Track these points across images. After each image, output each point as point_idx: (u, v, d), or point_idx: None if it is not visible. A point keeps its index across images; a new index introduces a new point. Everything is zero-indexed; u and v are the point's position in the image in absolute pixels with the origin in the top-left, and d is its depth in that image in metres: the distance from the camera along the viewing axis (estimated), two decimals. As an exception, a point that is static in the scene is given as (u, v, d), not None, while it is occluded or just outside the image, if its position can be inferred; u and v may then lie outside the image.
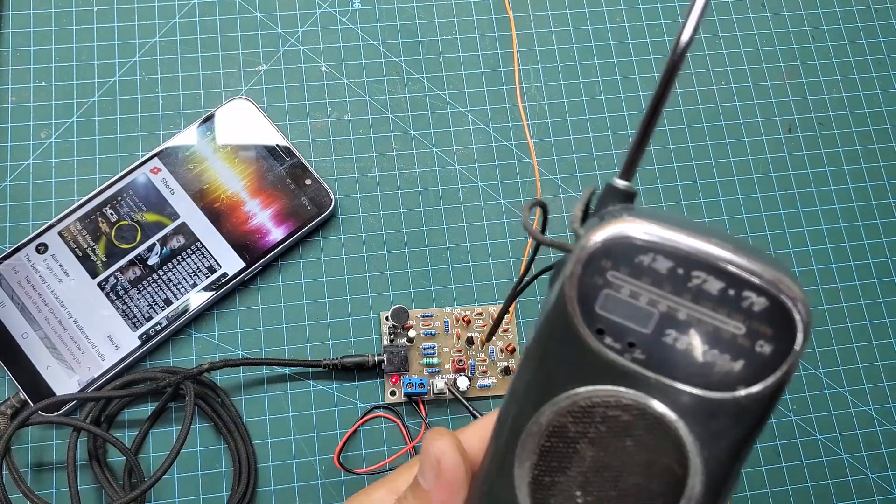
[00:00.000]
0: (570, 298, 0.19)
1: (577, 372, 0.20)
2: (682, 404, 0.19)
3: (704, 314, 0.19)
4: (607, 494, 0.20)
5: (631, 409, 0.19)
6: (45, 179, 0.42)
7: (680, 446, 0.19)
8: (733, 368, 0.19)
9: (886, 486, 0.41)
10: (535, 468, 0.21)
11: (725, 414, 0.19)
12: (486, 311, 0.42)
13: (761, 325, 0.19)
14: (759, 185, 0.46)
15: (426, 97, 0.45)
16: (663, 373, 0.19)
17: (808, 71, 0.48)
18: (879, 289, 0.44)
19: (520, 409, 0.21)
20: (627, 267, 0.19)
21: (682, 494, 0.20)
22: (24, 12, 0.45)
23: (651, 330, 0.19)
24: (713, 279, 0.18)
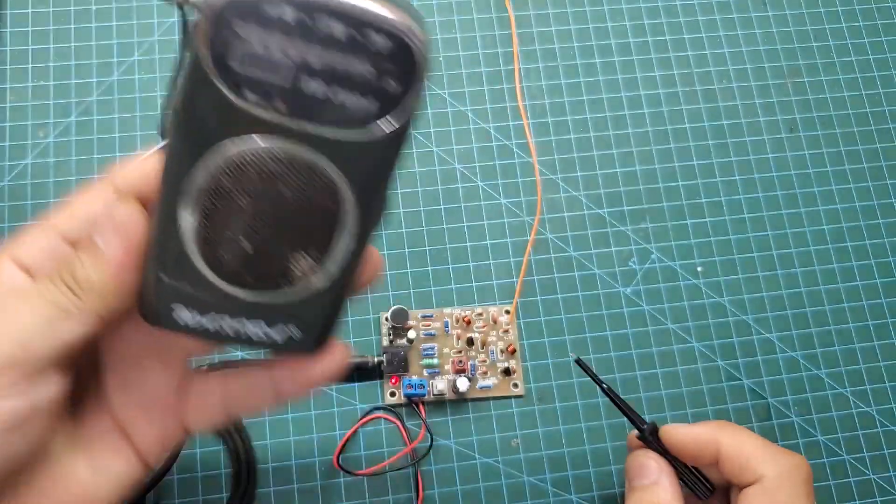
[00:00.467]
0: (204, 58, 0.20)
1: (223, 130, 0.20)
2: (326, 145, 0.21)
3: (335, 59, 0.20)
4: (270, 239, 0.22)
5: (280, 158, 0.21)
6: (43, 179, 0.42)
7: (329, 183, 0.21)
8: (367, 107, 0.20)
9: (888, 488, 0.41)
10: (200, 227, 0.22)
11: (365, 148, 0.21)
12: (486, 312, 0.42)
13: (386, 63, 0.20)
14: (760, 185, 0.45)
15: (426, 97, 0.45)
16: (304, 118, 0.20)
17: (810, 70, 0.48)
18: (882, 289, 0.44)
19: (176, 173, 0.21)
20: (256, 19, 0.19)
21: (338, 225, 0.22)
22: (22, 11, 0.44)
23: (287, 80, 0.20)
24: (339, 24, 0.19)
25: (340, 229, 0.22)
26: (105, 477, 0.26)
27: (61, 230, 0.25)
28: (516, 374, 0.41)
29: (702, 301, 0.43)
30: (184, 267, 0.23)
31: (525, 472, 0.40)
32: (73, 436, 0.26)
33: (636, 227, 0.44)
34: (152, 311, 0.24)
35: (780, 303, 0.44)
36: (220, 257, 0.22)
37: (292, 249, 0.22)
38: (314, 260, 0.23)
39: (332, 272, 0.23)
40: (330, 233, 0.22)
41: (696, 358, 0.42)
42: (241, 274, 0.23)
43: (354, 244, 0.23)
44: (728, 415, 0.42)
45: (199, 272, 0.23)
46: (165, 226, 0.22)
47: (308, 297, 0.23)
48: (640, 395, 0.42)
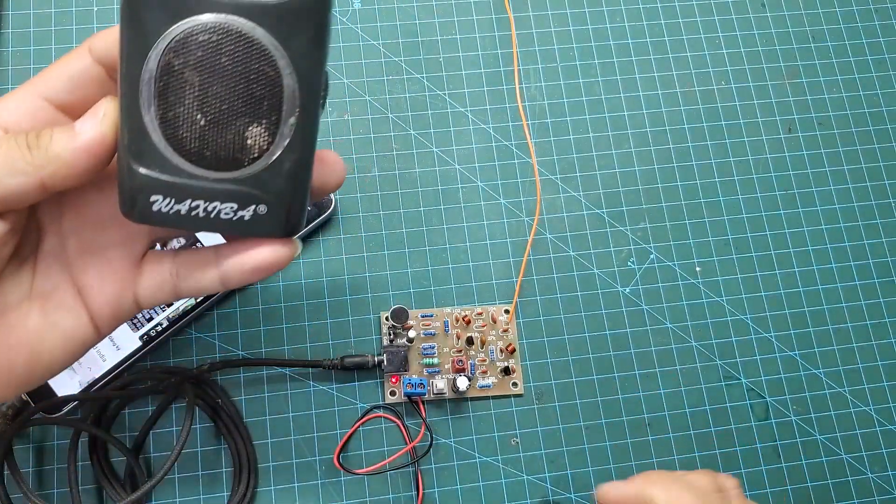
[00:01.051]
0: None
1: (167, 14, 0.23)
2: (258, 15, 0.23)
3: None
4: (221, 108, 0.24)
5: (217, 30, 0.23)
6: (45, 180, 0.42)
7: (265, 51, 0.23)
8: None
9: (886, 486, 0.41)
10: (158, 108, 0.24)
11: (295, 14, 0.23)
12: (485, 311, 0.42)
13: None
14: (759, 185, 0.46)
15: (426, 97, 0.45)
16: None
17: (808, 71, 0.48)
18: (879, 289, 0.44)
19: (131, 63, 0.24)
20: None
21: (283, 91, 0.24)
22: (23, 12, 0.45)
23: None
24: None
25: (286, 97, 0.24)
26: (54, 331, 0.28)
27: (43, 91, 0.26)
28: (516, 374, 0.41)
29: (700, 301, 0.43)
30: (151, 153, 0.24)
31: (524, 471, 0.40)
32: (29, 286, 0.28)
33: (635, 227, 0.44)
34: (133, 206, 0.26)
35: (778, 302, 0.44)
36: (181, 136, 0.24)
37: (245, 121, 0.24)
38: (267, 131, 0.24)
39: (287, 142, 0.25)
40: (277, 101, 0.24)
41: (695, 357, 0.43)
42: (202, 151, 0.24)
43: (302, 113, 0.24)
44: (727, 414, 0.42)
45: (164, 156, 0.24)
46: (130, 114, 0.24)
47: (269, 170, 0.25)
48: (639, 395, 0.42)
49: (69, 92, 0.27)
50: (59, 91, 0.27)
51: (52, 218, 0.28)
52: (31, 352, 0.27)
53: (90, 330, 0.28)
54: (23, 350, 0.27)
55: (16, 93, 0.27)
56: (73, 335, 0.28)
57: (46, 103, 0.27)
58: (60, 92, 0.27)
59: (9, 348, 0.27)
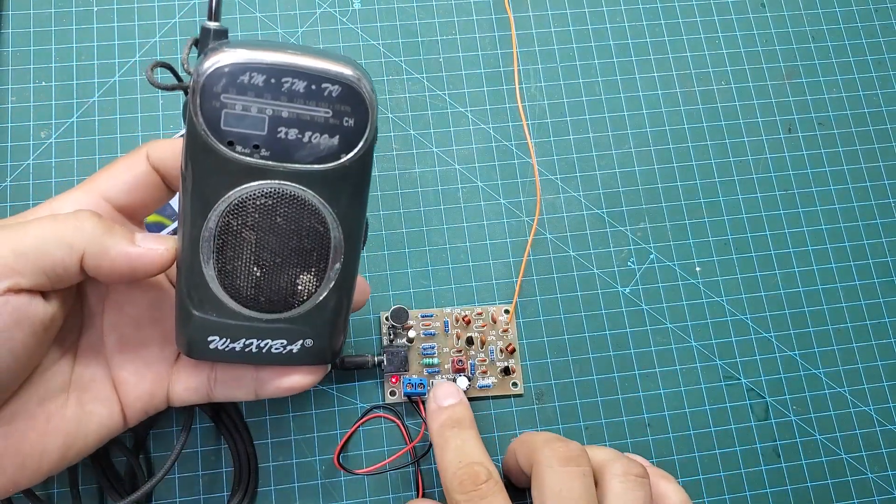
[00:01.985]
0: (199, 125, 0.24)
1: (225, 180, 0.25)
2: (307, 180, 0.26)
3: (300, 108, 0.25)
4: (275, 261, 0.27)
5: (272, 195, 0.26)
6: (45, 180, 0.42)
7: (315, 210, 0.26)
8: (333, 143, 0.25)
9: (886, 487, 0.41)
10: (217, 262, 0.27)
11: (339, 177, 0.26)
12: (485, 311, 0.42)
13: (342, 106, 0.25)
14: (758, 185, 0.46)
15: (426, 97, 0.45)
16: (286, 160, 0.25)
17: (808, 71, 0.48)
18: (879, 289, 0.44)
19: (192, 222, 0.26)
20: (234, 87, 0.24)
21: (330, 243, 0.27)
22: (23, 12, 0.45)
23: (266, 131, 0.25)
24: (298, 80, 0.24)
25: (332, 247, 0.27)
26: (89, 420, 0.29)
27: (103, 192, 0.29)
28: (515, 374, 0.41)
29: (700, 301, 0.44)
30: (210, 300, 0.27)
31: (524, 471, 0.40)
32: (69, 375, 0.29)
33: (635, 228, 0.44)
34: (191, 346, 0.29)
35: (778, 302, 0.44)
36: (238, 286, 0.27)
37: (296, 271, 0.27)
38: (315, 277, 0.27)
39: (332, 285, 0.28)
40: (325, 252, 0.27)
41: (695, 357, 0.43)
42: (256, 298, 0.27)
43: (345, 258, 0.27)
44: (727, 414, 0.42)
45: (222, 303, 0.27)
46: (190, 266, 0.27)
47: (316, 310, 0.28)
48: (639, 395, 0.42)
49: (127, 194, 0.29)
50: (118, 193, 0.29)
51: (94, 312, 0.30)
52: (65, 439, 0.28)
53: (120, 421, 0.30)
54: (58, 437, 0.28)
55: (76, 191, 0.29)
56: (105, 424, 0.30)
57: (105, 202, 0.29)
58: (119, 194, 0.29)
59: (45, 434, 0.28)
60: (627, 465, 0.32)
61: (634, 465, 0.32)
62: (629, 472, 0.32)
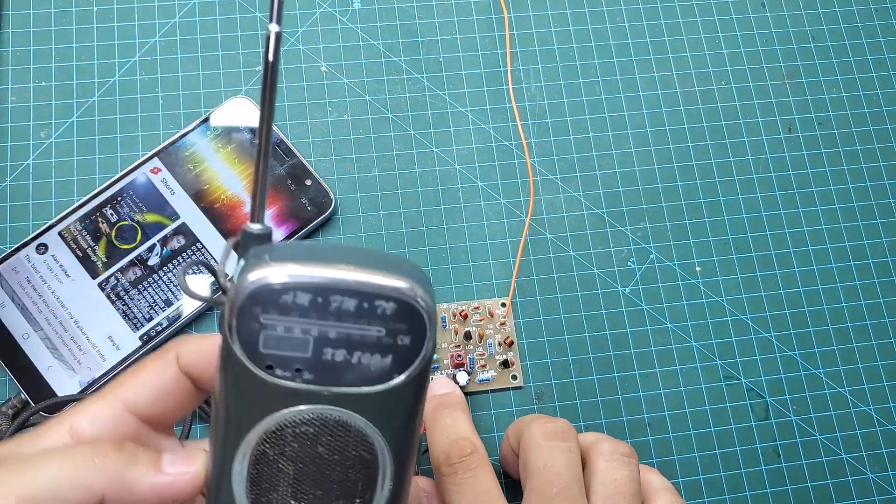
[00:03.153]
0: (234, 346, 0.22)
1: (262, 405, 0.22)
2: (354, 404, 0.22)
3: (349, 328, 0.22)
4: (316, 494, 0.23)
5: (314, 422, 0.22)
6: (44, 179, 0.42)
7: (363, 437, 0.23)
8: (385, 363, 0.22)
9: (886, 486, 0.41)
10: (250, 494, 0.23)
11: (390, 399, 0.23)
12: (482, 306, 0.42)
13: (396, 324, 0.22)
14: (759, 185, 0.46)
15: (426, 97, 0.45)
16: (331, 384, 0.22)
17: (808, 71, 0.48)
18: (879, 289, 0.44)
19: (224, 451, 0.23)
20: (275, 307, 0.21)
21: (378, 471, 0.23)
22: (23, 12, 0.45)
23: (310, 353, 0.22)
24: (348, 298, 0.22)
25: (380, 475, 0.24)
26: None
27: (127, 401, 0.25)
28: (515, 367, 0.41)
29: (700, 301, 0.44)
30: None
31: (524, 471, 0.40)
32: None
33: (635, 227, 0.44)
34: None
35: (778, 302, 0.44)
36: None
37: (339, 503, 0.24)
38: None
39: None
40: (372, 480, 0.24)
41: (695, 357, 0.43)
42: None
43: (394, 484, 0.24)
44: (727, 414, 0.42)
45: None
46: (218, 492, 0.24)
47: None
48: (639, 395, 0.42)
49: (154, 403, 0.25)
50: (144, 402, 0.25)
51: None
52: None
53: None
54: None
55: (97, 400, 0.25)
56: None
57: (129, 415, 0.25)
58: (146, 403, 0.25)
59: None
60: (614, 445, 0.32)
61: (621, 445, 0.32)
62: (616, 450, 0.32)
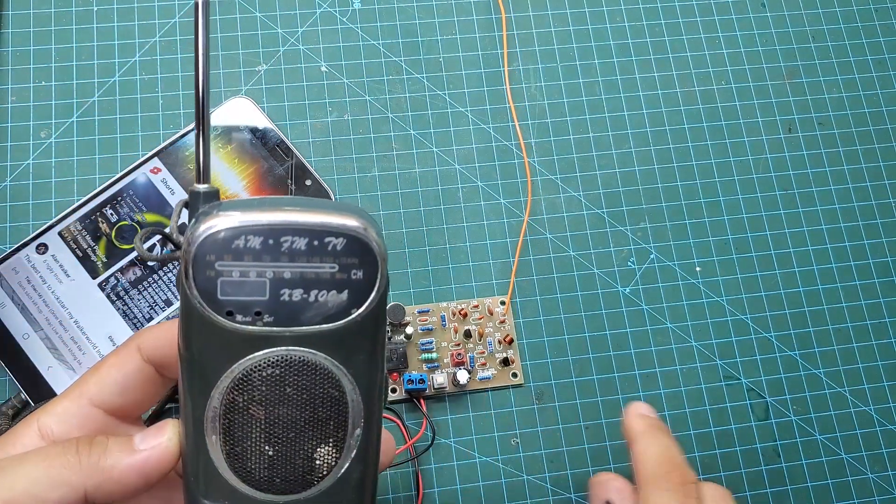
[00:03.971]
0: (193, 297, 0.22)
1: (226, 354, 0.23)
2: (317, 342, 0.23)
3: (304, 267, 0.22)
4: (289, 437, 0.24)
5: (278, 364, 0.23)
6: (45, 179, 0.42)
7: (328, 374, 0.23)
8: (342, 299, 0.23)
9: (886, 486, 0.41)
10: (224, 444, 0.24)
11: (352, 334, 0.23)
12: (482, 304, 0.42)
13: (348, 259, 0.23)
14: (759, 185, 0.46)
15: (426, 97, 0.45)
16: (292, 324, 0.23)
17: (808, 71, 0.48)
18: (879, 289, 0.44)
19: (194, 403, 0.24)
20: (228, 253, 0.22)
21: (347, 408, 0.24)
22: (23, 12, 0.45)
23: (268, 295, 0.22)
24: (298, 238, 0.22)
25: (351, 413, 0.24)
26: None
27: (92, 396, 0.25)
28: (515, 364, 0.41)
29: (700, 301, 0.43)
30: (219, 485, 0.24)
31: (524, 471, 0.40)
32: None
33: (635, 227, 0.44)
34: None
35: (778, 302, 0.44)
36: (249, 468, 0.24)
37: (313, 444, 0.24)
38: (334, 448, 0.24)
39: (354, 454, 0.25)
40: (343, 419, 0.24)
41: (695, 357, 0.43)
42: (271, 479, 0.24)
43: (366, 421, 0.24)
44: (727, 414, 0.42)
45: (233, 487, 0.24)
46: (195, 451, 0.24)
47: (338, 483, 0.25)
48: (639, 395, 0.42)
49: (120, 395, 0.26)
50: (109, 395, 0.25)
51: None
52: None
53: None
54: None
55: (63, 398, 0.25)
56: None
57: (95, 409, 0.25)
58: (111, 396, 0.25)
59: None
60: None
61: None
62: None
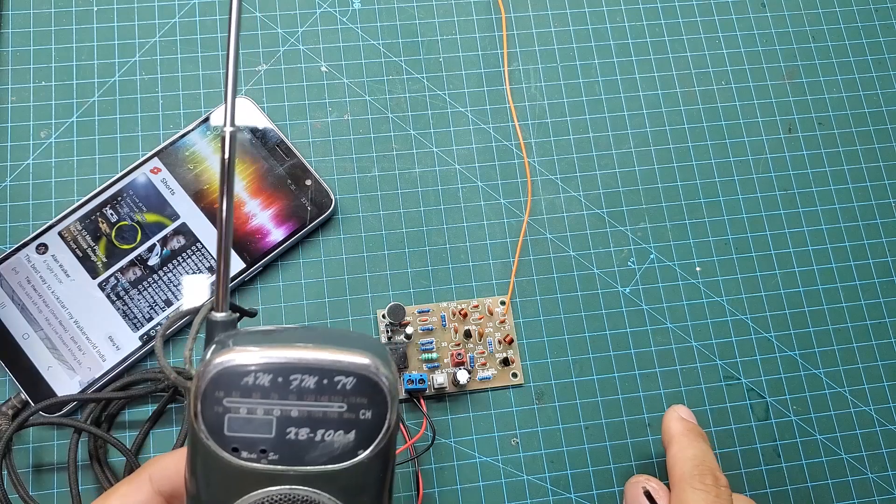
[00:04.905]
0: (200, 430, 0.22)
1: (230, 488, 0.23)
2: (321, 482, 0.23)
3: (311, 406, 0.22)
4: None
5: (281, 502, 0.22)
6: (44, 179, 0.42)
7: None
8: (349, 439, 0.22)
9: (886, 486, 0.41)
10: None
11: (358, 474, 0.23)
12: (482, 304, 0.42)
13: (357, 398, 0.22)
14: (759, 185, 0.46)
15: (426, 97, 0.45)
16: (297, 463, 0.22)
17: (808, 71, 0.48)
18: (879, 289, 0.44)
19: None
20: (237, 390, 0.22)
21: None
22: (23, 12, 0.45)
23: (274, 433, 0.22)
24: (308, 377, 0.22)
25: None
26: None
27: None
28: (515, 364, 0.41)
29: (700, 301, 0.43)
30: None
31: (524, 471, 0.40)
32: None
33: (635, 227, 0.44)
34: None
35: (778, 302, 0.44)
36: None
37: None
38: None
39: None
40: None
41: (695, 357, 0.43)
42: None
43: None
44: (727, 414, 0.42)
45: None
46: None
47: None
48: (639, 395, 0.42)
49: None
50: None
51: None
52: None
53: None
54: None
55: None
56: None
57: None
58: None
59: None
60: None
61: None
62: None
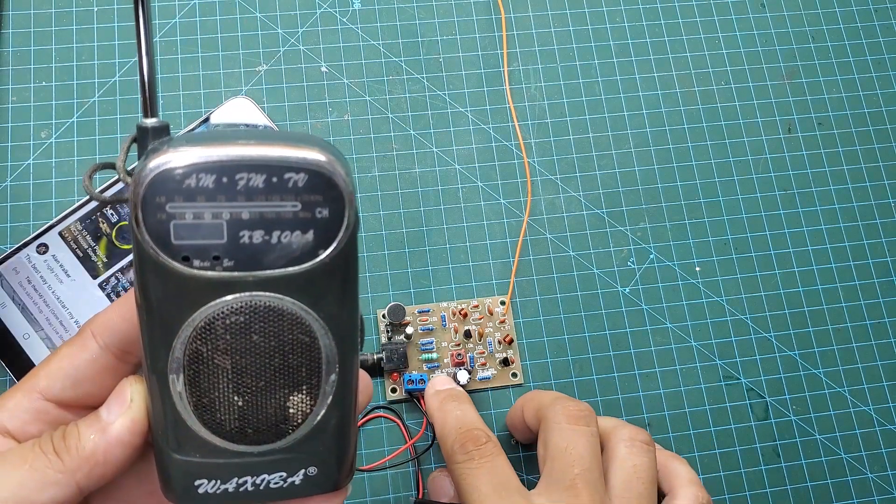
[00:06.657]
0: (145, 242, 0.20)
1: (185, 302, 0.21)
2: (283, 286, 0.21)
3: (262, 206, 0.20)
4: (258, 386, 0.22)
5: (242, 310, 0.21)
6: (45, 179, 0.42)
7: (297, 319, 0.22)
8: (308, 239, 0.21)
9: (886, 486, 0.41)
10: (191, 396, 0.22)
11: (321, 277, 0.21)
12: (482, 304, 0.42)
13: (311, 195, 0.21)
14: (758, 185, 0.46)
15: (426, 97, 0.45)
16: (255, 268, 0.21)
17: (808, 71, 0.48)
18: (879, 289, 0.44)
19: (156, 355, 0.22)
20: (179, 194, 0.20)
21: (320, 353, 0.22)
22: (24, 12, 0.45)
23: (226, 238, 0.21)
24: (255, 175, 0.20)
25: (324, 358, 0.22)
26: None
27: (43, 390, 0.24)
28: (515, 364, 0.41)
29: (700, 300, 0.44)
30: (190, 439, 0.23)
31: (525, 471, 0.40)
32: None
33: (635, 227, 0.44)
34: (177, 494, 0.24)
35: (777, 302, 0.44)
36: (219, 420, 0.23)
37: (284, 393, 0.23)
38: (308, 395, 0.23)
39: (329, 400, 0.23)
40: (315, 365, 0.23)
41: (695, 357, 0.43)
42: (242, 430, 0.23)
43: (342, 366, 0.23)
44: (726, 413, 0.42)
45: (204, 440, 0.23)
46: (162, 406, 0.23)
47: (314, 431, 0.23)
48: (639, 395, 0.42)
49: (72, 388, 0.24)
50: (61, 389, 0.24)
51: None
52: None
53: None
54: None
55: (13, 393, 0.24)
56: None
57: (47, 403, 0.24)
58: (62, 390, 0.24)
59: None
60: (634, 432, 0.33)
61: (641, 433, 0.33)
62: (635, 437, 0.33)
